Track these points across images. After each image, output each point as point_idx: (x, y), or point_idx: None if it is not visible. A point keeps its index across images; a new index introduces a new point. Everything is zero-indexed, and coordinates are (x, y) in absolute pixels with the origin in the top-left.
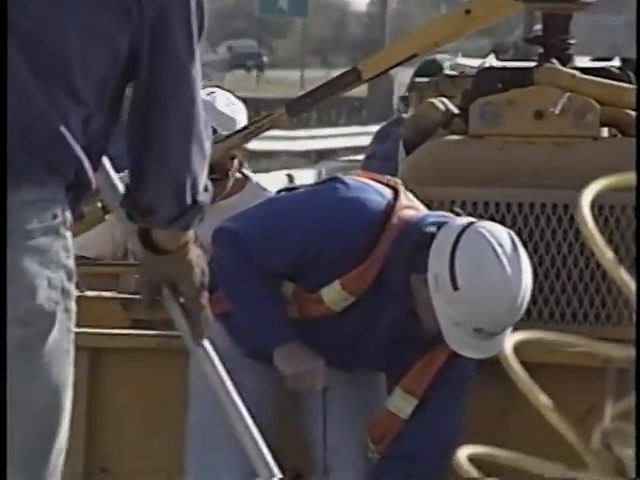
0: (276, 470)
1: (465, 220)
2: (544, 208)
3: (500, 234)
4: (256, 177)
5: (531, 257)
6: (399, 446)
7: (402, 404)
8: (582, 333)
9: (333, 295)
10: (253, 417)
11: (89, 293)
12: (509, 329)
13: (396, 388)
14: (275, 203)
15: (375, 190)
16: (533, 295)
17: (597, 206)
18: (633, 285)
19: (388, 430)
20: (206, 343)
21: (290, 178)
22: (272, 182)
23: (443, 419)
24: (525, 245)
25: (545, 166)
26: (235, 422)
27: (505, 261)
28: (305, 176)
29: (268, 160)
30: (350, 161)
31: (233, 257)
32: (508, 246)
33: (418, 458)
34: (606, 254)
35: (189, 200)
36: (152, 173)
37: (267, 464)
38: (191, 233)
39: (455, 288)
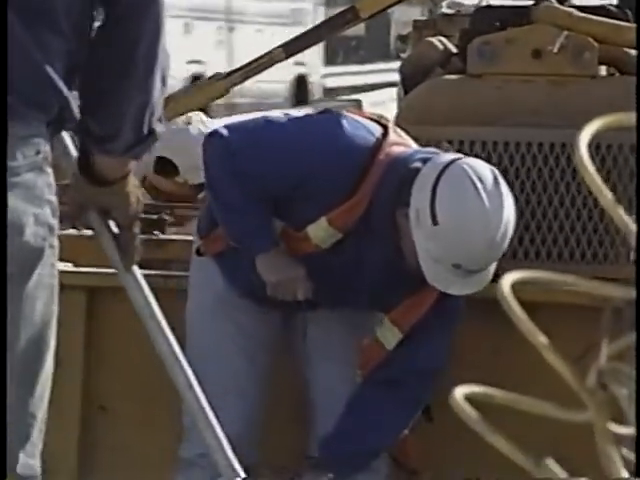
0: (240, 469)
1: (451, 156)
2: (541, 147)
3: (482, 170)
4: None
5: (528, 196)
6: (381, 373)
7: (388, 335)
8: (579, 272)
9: (320, 232)
10: (253, 355)
11: (86, 232)
12: (491, 267)
13: (384, 319)
14: (271, 120)
15: (365, 127)
16: (531, 234)
17: (594, 145)
18: (631, 224)
19: (372, 357)
20: (137, 271)
21: None
22: None
23: (427, 355)
24: (522, 184)
25: (543, 105)
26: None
27: (485, 198)
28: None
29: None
30: (347, 100)
31: (222, 164)
32: (489, 183)
33: (399, 388)
34: (604, 193)
35: (146, 129)
36: (116, 100)
37: (230, 463)
38: (134, 163)
39: (434, 223)
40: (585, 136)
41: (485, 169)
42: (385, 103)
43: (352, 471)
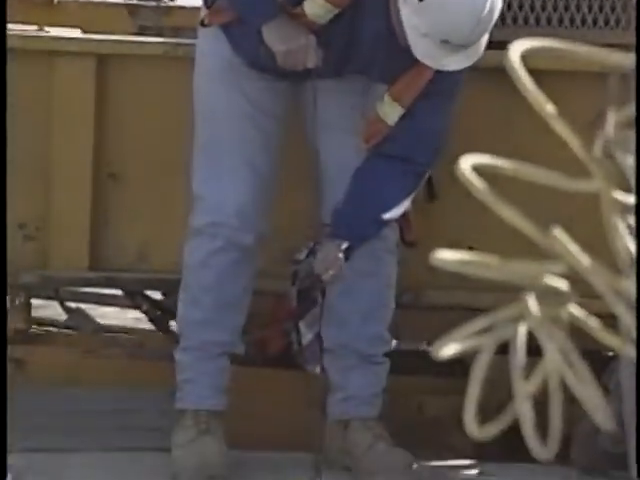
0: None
1: None
2: None
3: None
4: None
5: None
6: (385, 148)
7: (389, 111)
8: (592, 38)
9: (316, 8)
10: (260, 124)
11: None
12: (481, 40)
13: (385, 95)
14: None
15: None
16: (542, 0)
17: None
18: None
19: (376, 132)
20: None
21: None
22: None
23: (429, 126)
24: None
25: None
26: None
27: None
28: None
29: None
30: None
31: None
32: None
33: (403, 162)
34: None
35: None
36: None
37: None
38: None
39: None
40: None
41: None
42: None
43: (363, 240)
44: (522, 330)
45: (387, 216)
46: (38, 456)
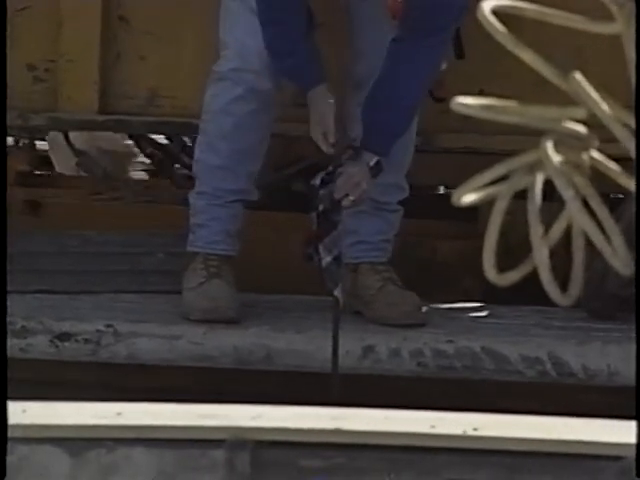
0: None
1: None
2: None
3: None
4: None
5: None
6: (409, 19)
7: None
8: None
9: None
10: None
11: None
12: None
13: None
14: None
15: None
16: None
17: None
18: None
19: (396, 4)
20: None
21: None
22: None
23: None
24: None
25: None
26: None
27: None
28: None
29: None
30: None
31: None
32: None
33: (426, 31)
34: None
35: None
36: None
37: None
38: None
39: None
40: None
41: None
42: None
43: (397, 139)
44: (540, 177)
45: (414, 102)
46: (49, 297)
